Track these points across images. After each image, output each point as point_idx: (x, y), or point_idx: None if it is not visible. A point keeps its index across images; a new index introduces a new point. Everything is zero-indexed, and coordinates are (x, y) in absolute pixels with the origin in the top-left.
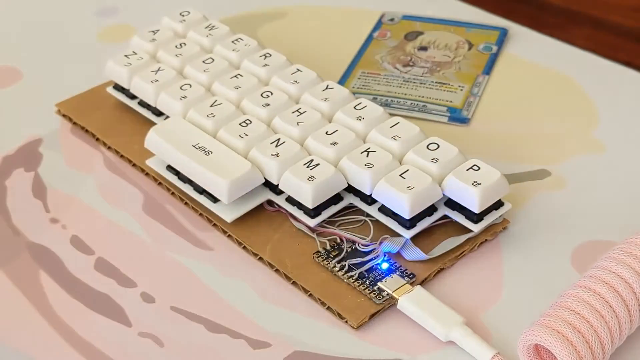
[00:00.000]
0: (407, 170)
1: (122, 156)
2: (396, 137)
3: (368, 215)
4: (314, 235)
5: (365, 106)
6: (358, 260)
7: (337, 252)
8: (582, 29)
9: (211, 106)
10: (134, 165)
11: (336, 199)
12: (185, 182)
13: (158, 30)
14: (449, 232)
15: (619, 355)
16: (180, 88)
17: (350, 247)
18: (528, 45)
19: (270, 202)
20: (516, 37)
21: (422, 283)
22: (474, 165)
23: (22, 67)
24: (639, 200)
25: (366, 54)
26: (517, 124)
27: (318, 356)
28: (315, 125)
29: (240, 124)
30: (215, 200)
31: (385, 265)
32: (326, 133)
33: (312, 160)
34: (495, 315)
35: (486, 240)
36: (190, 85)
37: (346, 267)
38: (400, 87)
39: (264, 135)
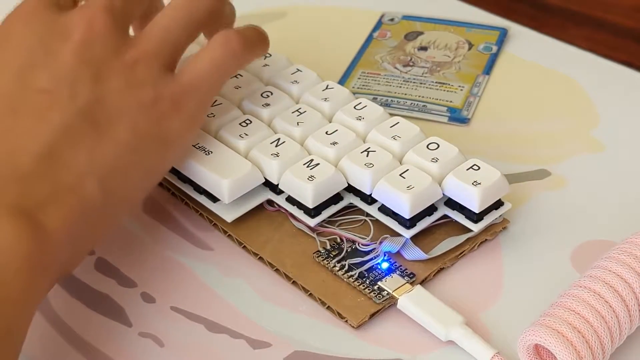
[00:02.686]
0: (407, 170)
1: None
2: (396, 137)
3: (368, 215)
4: (314, 235)
5: (365, 106)
6: (358, 259)
7: (337, 252)
8: (582, 29)
9: (211, 106)
10: None
11: (336, 198)
12: (185, 182)
13: None
14: (449, 232)
15: (619, 355)
16: None
17: (350, 246)
18: (528, 45)
19: (270, 202)
20: (516, 37)
21: (422, 283)
22: (474, 165)
23: None
24: (639, 200)
25: (366, 54)
26: (517, 124)
27: (318, 356)
28: (315, 125)
29: (240, 124)
30: (215, 200)
31: (385, 265)
32: (326, 133)
33: (312, 160)
34: (495, 315)
35: (486, 240)
36: None
37: (346, 267)
38: (400, 87)
39: (264, 135)
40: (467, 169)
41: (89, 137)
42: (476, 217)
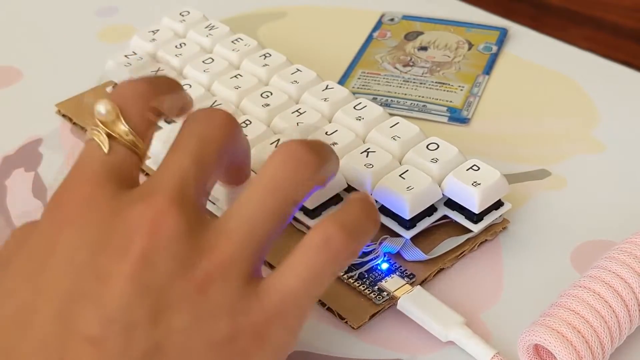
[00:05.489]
0: (407, 170)
1: None
2: (396, 137)
3: None
4: None
5: (365, 106)
6: (358, 260)
7: None
8: (582, 29)
9: (210, 106)
10: None
11: (336, 199)
12: None
13: (158, 30)
14: (449, 232)
15: (619, 355)
16: None
17: None
18: (528, 45)
19: None
20: (516, 37)
21: (422, 283)
22: (474, 165)
23: (22, 67)
24: (639, 200)
25: (366, 54)
26: (517, 124)
27: (318, 356)
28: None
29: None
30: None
31: (385, 266)
32: (326, 133)
33: None
34: (495, 315)
35: (486, 240)
36: (190, 86)
37: (346, 268)
38: (400, 87)
39: (263, 136)
40: (467, 169)
41: None
42: (476, 218)
